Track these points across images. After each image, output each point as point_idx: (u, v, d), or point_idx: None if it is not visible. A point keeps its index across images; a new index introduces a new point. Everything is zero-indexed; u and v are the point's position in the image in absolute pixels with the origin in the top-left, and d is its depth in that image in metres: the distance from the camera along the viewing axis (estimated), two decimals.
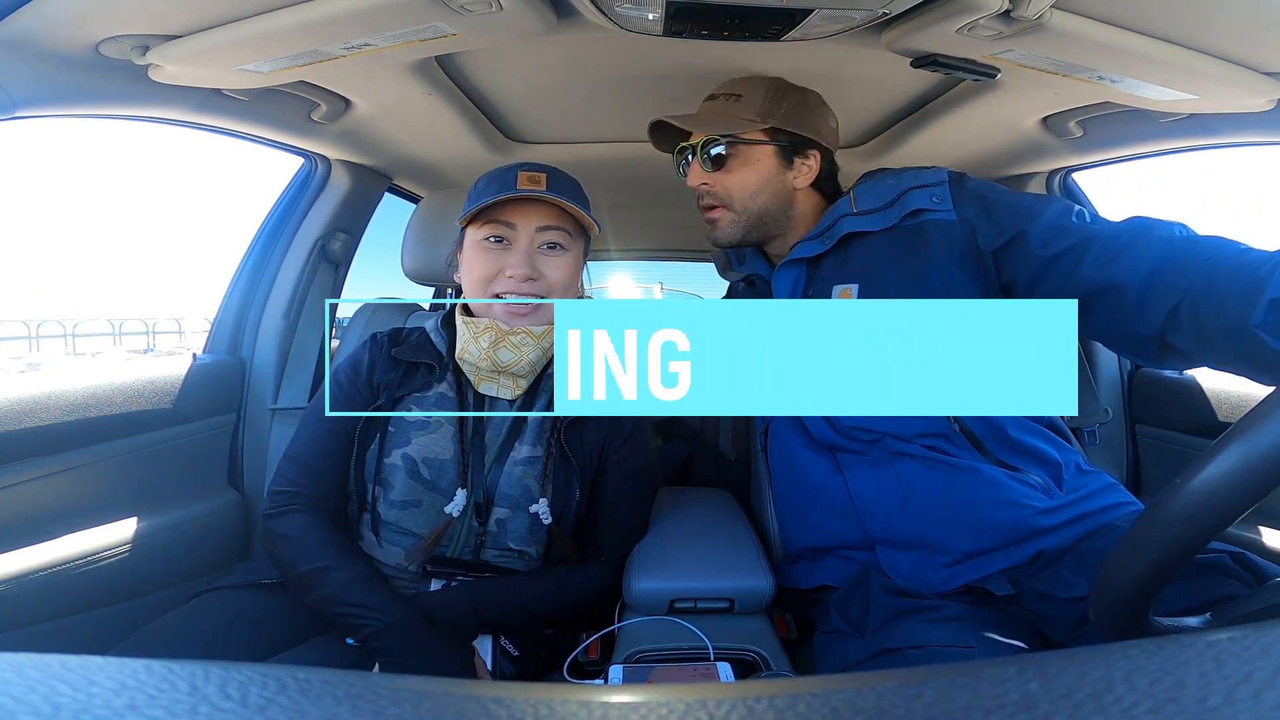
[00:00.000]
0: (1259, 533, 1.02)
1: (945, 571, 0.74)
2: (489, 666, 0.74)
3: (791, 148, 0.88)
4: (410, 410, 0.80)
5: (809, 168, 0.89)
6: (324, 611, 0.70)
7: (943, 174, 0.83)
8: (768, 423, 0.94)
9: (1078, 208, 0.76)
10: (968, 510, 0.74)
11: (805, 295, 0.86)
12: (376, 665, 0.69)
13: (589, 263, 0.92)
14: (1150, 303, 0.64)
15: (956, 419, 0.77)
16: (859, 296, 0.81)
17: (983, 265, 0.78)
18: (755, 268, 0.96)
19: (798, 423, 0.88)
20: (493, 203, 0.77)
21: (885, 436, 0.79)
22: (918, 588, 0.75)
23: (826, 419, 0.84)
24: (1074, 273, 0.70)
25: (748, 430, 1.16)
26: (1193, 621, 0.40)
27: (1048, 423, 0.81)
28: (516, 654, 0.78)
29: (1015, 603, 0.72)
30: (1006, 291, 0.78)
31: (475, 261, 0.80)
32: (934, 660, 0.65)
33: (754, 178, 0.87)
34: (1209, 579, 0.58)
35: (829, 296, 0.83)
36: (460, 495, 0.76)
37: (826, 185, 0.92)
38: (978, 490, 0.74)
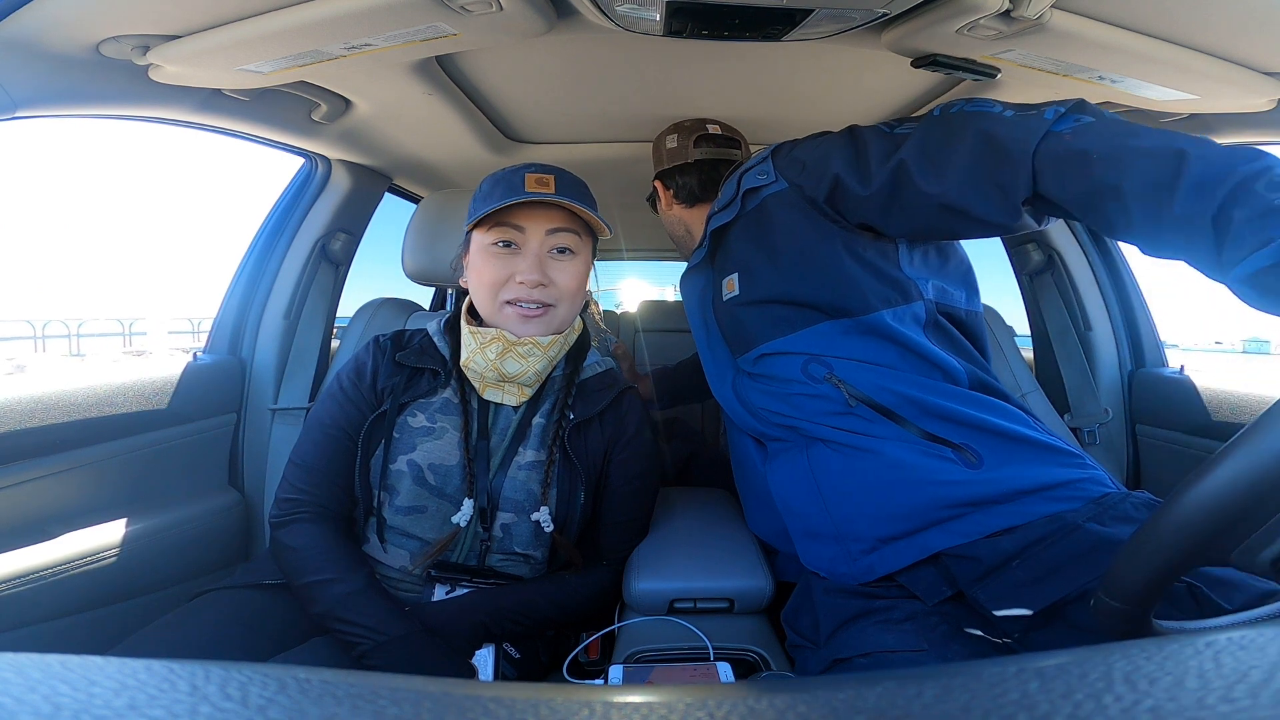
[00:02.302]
0: None
1: (863, 561, 0.72)
2: (491, 678, 0.74)
3: (654, 189, 1.11)
4: (415, 416, 0.80)
5: (666, 195, 1.07)
6: (323, 625, 0.71)
7: (766, 151, 0.85)
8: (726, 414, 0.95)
9: (875, 128, 0.76)
10: (874, 494, 0.71)
11: (709, 295, 0.91)
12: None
13: (595, 263, 0.92)
14: (995, 206, 0.65)
15: (851, 393, 0.73)
16: (739, 284, 0.83)
17: (826, 215, 0.77)
18: None
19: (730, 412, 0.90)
20: (501, 207, 0.76)
21: (798, 421, 0.77)
22: (842, 581, 0.73)
23: (742, 404, 0.84)
24: (919, 198, 0.69)
25: None
26: (1192, 625, 0.40)
27: (981, 384, 0.76)
28: (518, 656, 0.78)
29: (963, 598, 0.69)
30: (866, 231, 0.77)
31: (484, 267, 0.79)
32: (884, 668, 0.63)
33: (664, 219, 1.11)
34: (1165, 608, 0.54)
35: (722, 290, 0.86)
36: (467, 505, 0.76)
37: (706, 192, 1.02)
38: (881, 471, 0.71)
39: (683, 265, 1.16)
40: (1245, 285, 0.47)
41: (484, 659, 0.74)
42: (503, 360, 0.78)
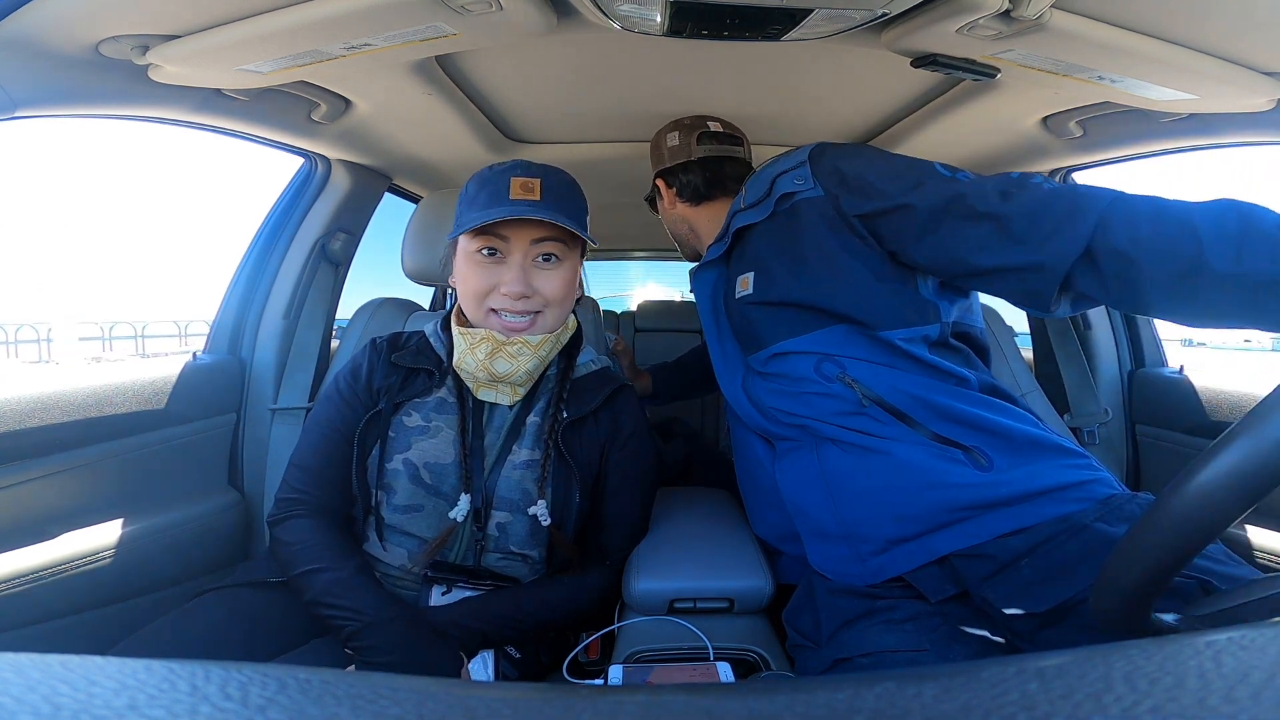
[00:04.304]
0: (1244, 530, 1.02)
1: (873, 562, 0.72)
2: (490, 680, 0.74)
3: (654, 188, 1.09)
4: (410, 415, 0.80)
5: (668, 194, 1.05)
6: (313, 613, 0.71)
7: (804, 154, 0.84)
8: (729, 412, 0.95)
9: (943, 170, 0.74)
10: (885, 495, 0.71)
11: (721, 291, 0.92)
12: (353, 666, 0.69)
13: (585, 263, 0.91)
14: (1047, 261, 0.64)
15: (864, 394, 0.73)
16: (754, 283, 0.83)
17: (854, 231, 0.76)
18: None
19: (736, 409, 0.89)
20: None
21: (809, 421, 0.77)
22: (850, 582, 0.73)
23: (752, 402, 0.84)
24: (959, 230, 0.69)
25: None
26: (1193, 613, 0.40)
27: (990, 388, 0.77)
28: (518, 656, 0.78)
29: (969, 596, 0.69)
30: (894, 259, 0.76)
31: (470, 275, 0.78)
32: (885, 667, 0.63)
33: (665, 218, 1.10)
34: (1167, 601, 0.55)
35: (735, 287, 0.86)
36: (464, 500, 0.76)
37: (712, 190, 1.01)
38: (893, 473, 0.71)
39: (684, 264, 1.16)
40: None
41: (484, 663, 0.74)
42: (493, 360, 0.78)
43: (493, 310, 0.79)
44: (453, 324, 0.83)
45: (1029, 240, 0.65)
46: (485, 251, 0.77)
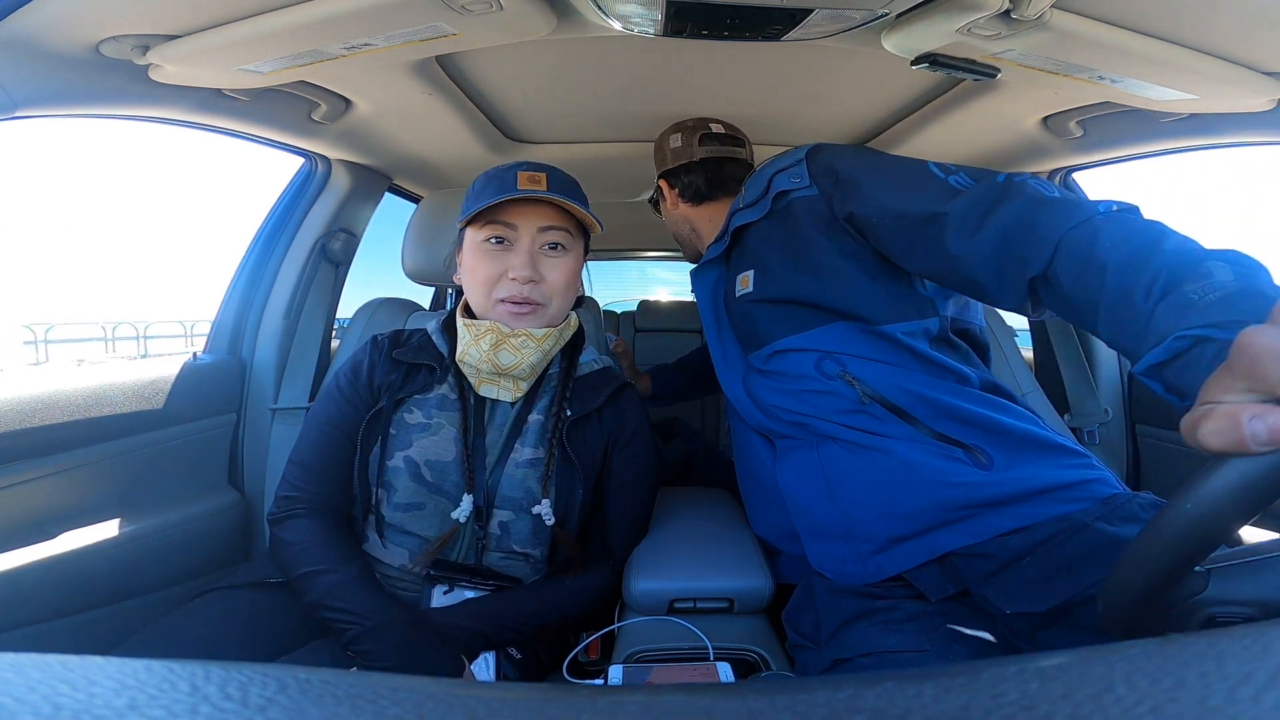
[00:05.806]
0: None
1: (873, 561, 0.72)
2: (492, 680, 0.74)
3: (658, 189, 1.09)
4: (411, 413, 0.80)
5: (671, 195, 1.06)
6: (314, 616, 0.71)
7: (802, 153, 0.85)
8: (730, 411, 0.95)
9: (926, 166, 0.72)
10: (885, 493, 0.71)
11: (721, 290, 0.92)
12: (355, 669, 0.69)
13: (588, 262, 0.92)
14: (1007, 280, 0.61)
15: (865, 391, 0.73)
16: (755, 281, 0.84)
17: (846, 231, 0.77)
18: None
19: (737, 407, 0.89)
20: (493, 204, 0.76)
21: (809, 419, 0.77)
22: (850, 581, 0.73)
23: (753, 400, 0.84)
24: (941, 252, 0.66)
25: None
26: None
27: (991, 386, 0.77)
28: (519, 657, 0.78)
29: (969, 595, 0.69)
30: (884, 258, 0.76)
31: (477, 264, 0.80)
32: (885, 667, 0.63)
33: (668, 219, 1.10)
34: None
35: (735, 286, 0.87)
36: (466, 500, 0.76)
37: (714, 190, 1.02)
38: (893, 471, 0.71)
39: (681, 265, 1.16)
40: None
41: (485, 664, 0.74)
42: (497, 352, 0.78)
43: (500, 300, 0.79)
44: (458, 317, 0.83)
45: (995, 268, 0.62)
46: (493, 241, 0.79)
